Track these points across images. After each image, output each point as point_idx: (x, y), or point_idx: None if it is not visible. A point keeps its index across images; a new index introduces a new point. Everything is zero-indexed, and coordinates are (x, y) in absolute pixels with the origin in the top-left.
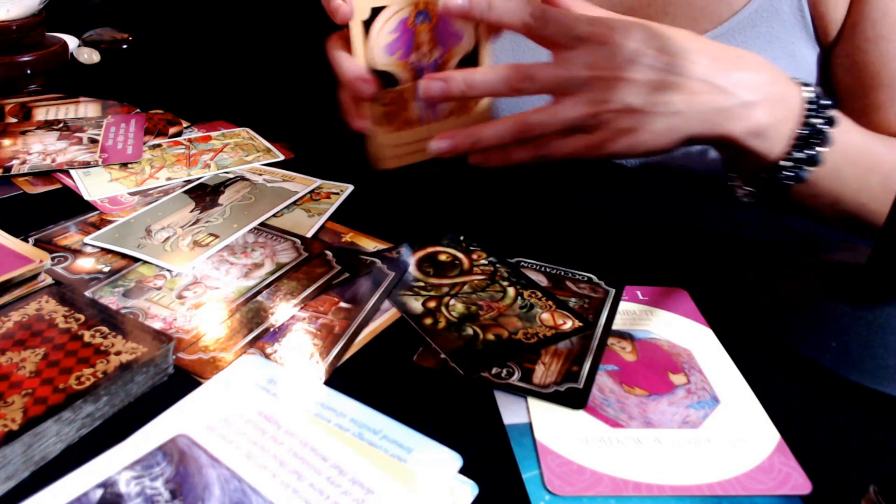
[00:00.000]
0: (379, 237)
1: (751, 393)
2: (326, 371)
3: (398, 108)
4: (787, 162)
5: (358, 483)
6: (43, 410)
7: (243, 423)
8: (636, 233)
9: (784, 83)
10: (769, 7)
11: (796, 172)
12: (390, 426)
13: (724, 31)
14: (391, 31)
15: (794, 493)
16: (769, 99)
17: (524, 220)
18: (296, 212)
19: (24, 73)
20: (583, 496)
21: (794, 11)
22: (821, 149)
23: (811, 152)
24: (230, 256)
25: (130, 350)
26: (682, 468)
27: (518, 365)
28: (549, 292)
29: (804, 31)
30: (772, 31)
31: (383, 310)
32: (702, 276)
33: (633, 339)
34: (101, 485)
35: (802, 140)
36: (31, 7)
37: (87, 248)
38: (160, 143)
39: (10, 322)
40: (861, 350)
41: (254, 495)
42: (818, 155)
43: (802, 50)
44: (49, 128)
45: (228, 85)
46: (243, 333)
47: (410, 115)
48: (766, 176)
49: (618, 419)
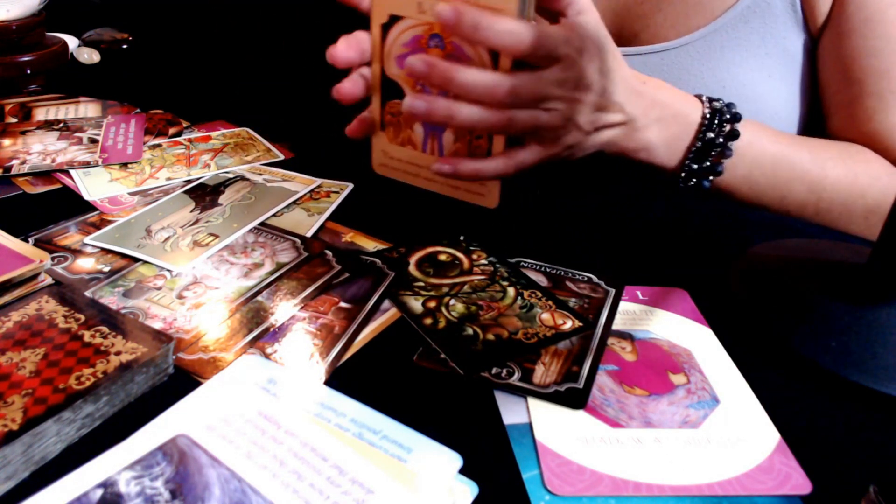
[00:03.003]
0: (379, 237)
1: (751, 393)
2: (326, 371)
3: (403, 123)
4: (683, 172)
5: (358, 483)
6: (43, 410)
7: (243, 423)
8: (636, 233)
9: (686, 103)
10: (762, 2)
11: (697, 181)
12: (390, 426)
13: (717, 27)
14: (404, 44)
15: (794, 493)
16: (662, 119)
17: (524, 220)
18: (296, 211)
19: (24, 73)
20: (583, 496)
21: (786, 6)
22: (721, 159)
23: (706, 163)
24: (230, 256)
25: (130, 350)
26: (682, 468)
27: (518, 365)
28: (549, 292)
29: (796, 24)
30: (764, 27)
31: (383, 310)
32: (702, 276)
33: (633, 339)
34: (101, 485)
35: (696, 153)
36: (31, 7)
37: (87, 248)
38: (160, 143)
39: (10, 322)
40: (861, 350)
41: (254, 495)
42: (718, 165)
43: (795, 44)
44: (49, 128)
45: (228, 85)
46: (243, 333)
47: (414, 136)
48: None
49: (618, 419)
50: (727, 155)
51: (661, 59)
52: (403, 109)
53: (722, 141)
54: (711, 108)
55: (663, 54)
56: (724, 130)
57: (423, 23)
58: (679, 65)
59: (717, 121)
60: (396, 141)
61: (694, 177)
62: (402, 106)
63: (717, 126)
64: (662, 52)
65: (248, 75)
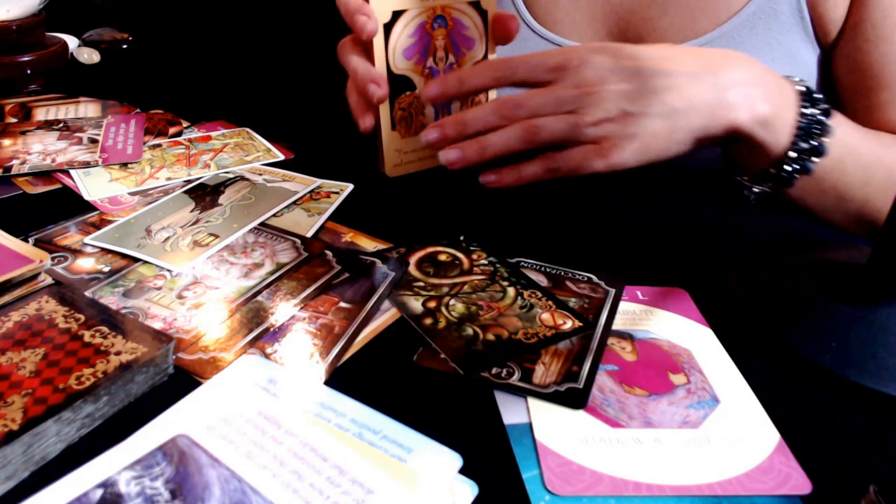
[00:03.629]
0: (379, 237)
1: (751, 393)
2: (326, 371)
3: (414, 112)
4: (793, 153)
5: (358, 483)
6: (43, 410)
7: (243, 423)
8: (636, 233)
9: (774, 76)
10: (768, 8)
11: (803, 164)
12: (390, 426)
13: (723, 33)
14: (410, 35)
15: (794, 493)
16: (765, 89)
17: (524, 220)
18: (296, 211)
19: (24, 73)
20: (583, 496)
21: (794, 12)
22: (823, 139)
23: (814, 143)
24: (230, 256)
25: (130, 350)
26: (682, 468)
27: (518, 365)
28: (549, 292)
29: (803, 31)
30: (770, 32)
31: (383, 310)
32: (702, 276)
33: (633, 339)
34: (101, 485)
35: (804, 130)
36: (31, 7)
37: (87, 248)
38: (160, 143)
39: (10, 322)
40: (861, 350)
41: (254, 495)
42: (822, 145)
43: (802, 51)
44: (49, 128)
45: (228, 85)
46: (243, 333)
47: (426, 120)
48: (775, 171)
49: (618, 419)
50: (828, 134)
51: None
52: (423, 97)
53: (824, 118)
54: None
55: None
56: (821, 107)
57: (426, 9)
58: None
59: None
60: (410, 132)
61: (800, 160)
62: (417, 93)
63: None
64: None
65: (248, 75)
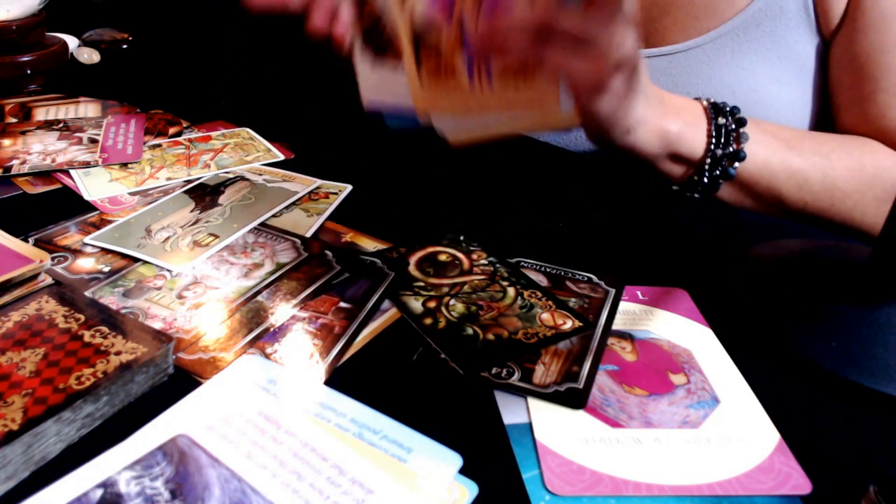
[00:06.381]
0: (379, 237)
1: (751, 393)
2: (326, 371)
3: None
4: (710, 158)
5: (358, 483)
6: (43, 410)
7: (243, 423)
8: (636, 233)
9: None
10: (774, 5)
11: (723, 169)
12: (390, 426)
13: (728, 30)
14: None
15: (794, 493)
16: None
17: (524, 220)
18: (295, 212)
19: (24, 73)
20: (583, 496)
21: (799, 8)
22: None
23: (730, 148)
24: (230, 256)
25: (130, 350)
26: (682, 468)
27: (518, 365)
28: (549, 292)
29: (808, 27)
30: (776, 30)
31: (383, 310)
32: (702, 276)
33: (633, 339)
34: (101, 485)
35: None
36: (31, 7)
37: (87, 248)
38: (160, 143)
39: (10, 322)
40: (861, 350)
41: (254, 495)
42: (740, 151)
43: (807, 48)
44: (49, 128)
45: (228, 85)
46: (243, 333)
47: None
48: (698, 178)
49: (618, 419)
50: (744, 139)
51: (668, 63)
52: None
53: (734, 127)
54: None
55: (671, 57)
56: (731, 116)
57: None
58: (687, 68)
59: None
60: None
61: (719, 165)
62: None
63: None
64: (670, 56)
65: (248, 75)
